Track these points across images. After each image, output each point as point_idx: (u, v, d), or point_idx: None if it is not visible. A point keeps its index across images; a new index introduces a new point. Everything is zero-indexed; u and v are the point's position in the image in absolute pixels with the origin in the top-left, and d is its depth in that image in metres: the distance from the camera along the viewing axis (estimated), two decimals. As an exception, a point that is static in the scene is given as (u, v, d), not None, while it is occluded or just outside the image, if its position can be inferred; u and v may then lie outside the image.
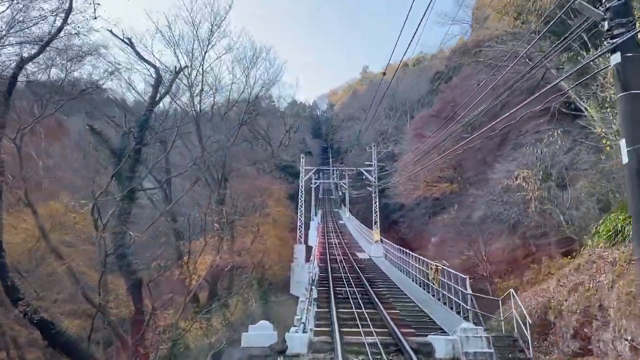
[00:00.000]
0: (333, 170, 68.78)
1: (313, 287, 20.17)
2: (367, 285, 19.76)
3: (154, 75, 29.96)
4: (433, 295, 18.76)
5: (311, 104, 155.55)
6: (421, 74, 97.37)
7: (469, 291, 14.88)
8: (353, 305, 16.21)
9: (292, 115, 67.97)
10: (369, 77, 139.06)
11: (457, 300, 15.84)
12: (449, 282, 16.83)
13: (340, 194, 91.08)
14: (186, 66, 31.99)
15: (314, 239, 50.62)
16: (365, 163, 37.65)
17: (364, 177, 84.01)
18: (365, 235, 44.84)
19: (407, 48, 13.20)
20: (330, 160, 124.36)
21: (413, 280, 22.65)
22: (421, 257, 22.14)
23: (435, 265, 18.38)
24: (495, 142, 43.03)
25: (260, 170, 43.67)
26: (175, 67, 31.37)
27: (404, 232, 68.03)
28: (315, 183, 71.21)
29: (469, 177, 49.99)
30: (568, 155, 26.44)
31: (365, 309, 15.50)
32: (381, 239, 34.08)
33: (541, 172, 24.54)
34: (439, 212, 61.30)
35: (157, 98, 29.35)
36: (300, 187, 33.85)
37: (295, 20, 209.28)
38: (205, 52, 33.23)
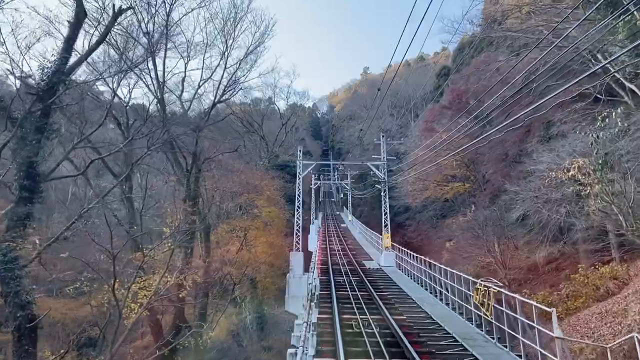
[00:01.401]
0: (334, 169, 63.36)
1: (312, 310, 14.64)
2: (385, 311, 14.07)
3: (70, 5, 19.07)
4: (482, 328, 13.03)
5: (311, 106, 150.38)
6: (425, 71, 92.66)
7: (559, 333, 9.08)
8: (368, 345, 10.67)
9: (289, 107, 62.30)
10: (370, 79, 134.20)
11: (531, 344, 10.11)
12: (515, 315, 11.10)
13: (342, 195, 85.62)
14: (131, 7, 21.77)
15: (314, 244, 44.98)
16: (373, 157, 32.13)
17: (369, 175, 78.88)
18: (372, 240, 39.14)
19: (410, 45, 10.48)
20: (331, 161, 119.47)
21: (446, 303, 16.92)
22: (456, 272, 16.42)
23: (485, 287, 12.66)
24: (518, 133, 37.46)
25: (253, 164, 38.07)
26: (115, 5, 19.80)
27: (410, 236, 62.31)
28: (315, 184, 65.54)
29: (485, 174, 44.33)
30: (628, 141, 20.69)
31: (387, 352, 9.98)
32: (392, 244, 28.36)
33: (600, 160, 18.79)
34: (449, 214, 55.81)
35: (88, 49, 19.05)
36: (297, 183, 28.21)
37: (295, 23, 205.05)
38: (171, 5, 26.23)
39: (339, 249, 35.24)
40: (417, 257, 23.17)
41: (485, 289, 12.73)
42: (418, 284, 21.88)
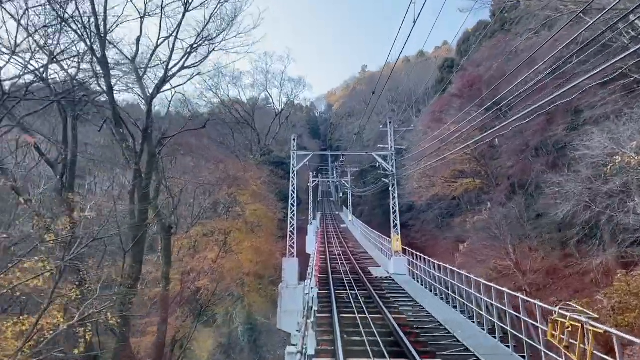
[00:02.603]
0: (333, 168, 58.74)
1: (307, 334, 10.27)
2: (413, 351, 9.39)
3: None
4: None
5: (309, 105, 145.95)
6: (426, 66, 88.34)
7: None
8: None
9: (287, 104, 57.03)
10: (368, 76, 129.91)
11: None
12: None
13: (341, 195, 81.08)
14: None
15: (312, 247, 40.46)
16: (379, 147, 27.50)
17: (370, 172, 74.32)
18: (376, 243, 34.49)
19: (408, 38, 10.93)
20: (329, 160, 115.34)
21: (490, 330, 12.26)
22: (506, 290, 11.77)
23: (573, 319, 8.00)
24: (538, 122, 32.85)
25: (242, 159, 33.25)
26: None
27: (414, 237, 57.56)
28: (313, 182, 60.90)
29: (500, 168, 39.72)
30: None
31: None
32: (404, 249, 23.73)
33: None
34: (457, 213, 51.21)
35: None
36: (291, 177, 23.40)
37: (292, 22, 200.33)
38: None
39: (340, 253, 30.60)
40: (438, 265, 18.54)
41: (568, 320, 8.05)
42: (441, 298, 17.26)
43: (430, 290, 19.06)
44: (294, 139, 24.79)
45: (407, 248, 24.00)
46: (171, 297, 19.07)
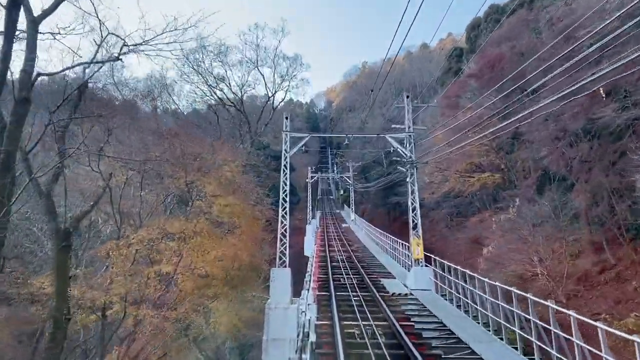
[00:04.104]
0: (333, 164, 53.21)
1: None
2: None
3: None
4: None
5: (308, 102, 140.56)
6: (430, 58, 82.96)
7: None
8: None
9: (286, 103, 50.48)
10: (368, 72, 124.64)
11: None
12: None
13: (342, 192, 75.62)
14: None
15: (310, 249, 34.91)
16: (393, 127, 21.94)
17: (375, 165, 68.60)
18: (386, 245, 28.89)
19: (409, 29, 9.96)
20: (329, 158, 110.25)
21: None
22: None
23: None
24: (577, 104, 27.26)
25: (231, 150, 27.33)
26: None
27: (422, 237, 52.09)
28: (312, 178, 55.33)
29: (525, 161, 34.15)
30: None
31: None
32: (425, 255, 18.11)
33: None
34: (469, 211, 45.76)
35: None
36: (282, 165, 17.79)
37: (291, 18, 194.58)
38: None
39: (344, 259, 25.02)
40: (486, 281, 13.02)
41: None
42: (490, 330, 11.75)
43: (469, 315, 13.54)
44: (286, 117, 19.19)
45: (431, 255, 18.41)
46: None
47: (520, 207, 28.37)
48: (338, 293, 15.74)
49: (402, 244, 23.50)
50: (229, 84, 39.83)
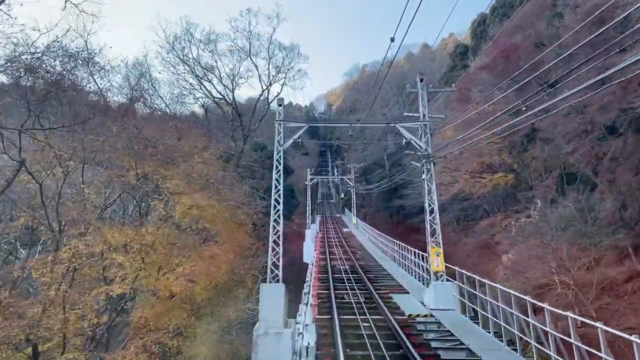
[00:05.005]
0: (333, 167, 50.10)
1: None
2: None
3: None
4: None
5: (308, 105, 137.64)
6: (431, 58, 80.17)
7: None
8: None
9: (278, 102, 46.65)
10: (367, 75, 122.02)
11: None
12: None
13: (343, 196, 72.46)
14: None
15: (310, 256, 31.71)
16: (405, 115, 18.84)
17: (376, 167, 65.55)
18: (394, 253, 25.68)
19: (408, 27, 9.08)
20: (329, 160, 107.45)
21: None
22: None
23: None
24: (604, 94, 24.21)
25: (222, 148, 23.69)
26: None
27: (425, 242, 48.88)
28: (312, 180, 52.18)
29: (543, 160, 30.96)
30: None
31: None
32: (446, 265, 14.90)
33: None
34: (478, 214, 42.62)
35: None
36: (274, 160, 14.47)
37: (290, 20, 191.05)
38: None
39: (347, 269, 21.82)
40: (528, 300, 9.97)
41: None
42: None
43: (514, 348, 10.39)
44: (280, 105, 16.01)
45: (455, 268, 15.24)
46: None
47: (543, 210, 25.20)
48: (343, 316, 12.57)
49: (414, 252, 20.30)
50: (219, 75, 36.54)
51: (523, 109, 14.47)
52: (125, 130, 15.42)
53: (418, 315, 13.58)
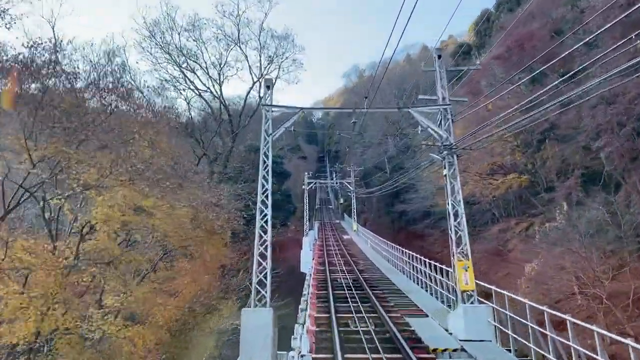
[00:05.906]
0: (332, 172, 47.02)
1: None
2: None
3: None
4: None
5: (305, 112, 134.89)
6: (432, 59, 77.59)
7: None
8: None
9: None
10: (365, 80, 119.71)
11: None
12: None
13: (342, 201, 69.28)
14: None
15: (307, 266, 28.56)
16: (420, 97, 15.80)
17: (376, 170, 62.53)
18: (402, 263, 22.48)
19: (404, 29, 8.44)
20: (327, 165, 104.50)
21: None
22: None
23: None
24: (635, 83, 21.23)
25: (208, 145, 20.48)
26: None
27: (429, 249, 45.27)
28: (309, 185, 49.04)
29: (564, 158, 27.89)
30: None
31: None
32: (476, 282, 11.64)
33: None
34: (486, 219, 39.53)
35: None
36: (262, 147, 11.49)
37: (289, 21, 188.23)
38: None
39: (349, 284, 18.61)
40: (596, 330, 6.73)
41: None
42: None
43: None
44: (267, 86, 12.91)
45: (480, 283, 12.05)
46: None
47: (570, 213, 22.06)
48: (349, 355, 9.34)
49: (430, 264, 17.06)
50: (205, 65, 32.82)
51: (553, 94, 11.50)
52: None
53: (446, 350, 10.38)
